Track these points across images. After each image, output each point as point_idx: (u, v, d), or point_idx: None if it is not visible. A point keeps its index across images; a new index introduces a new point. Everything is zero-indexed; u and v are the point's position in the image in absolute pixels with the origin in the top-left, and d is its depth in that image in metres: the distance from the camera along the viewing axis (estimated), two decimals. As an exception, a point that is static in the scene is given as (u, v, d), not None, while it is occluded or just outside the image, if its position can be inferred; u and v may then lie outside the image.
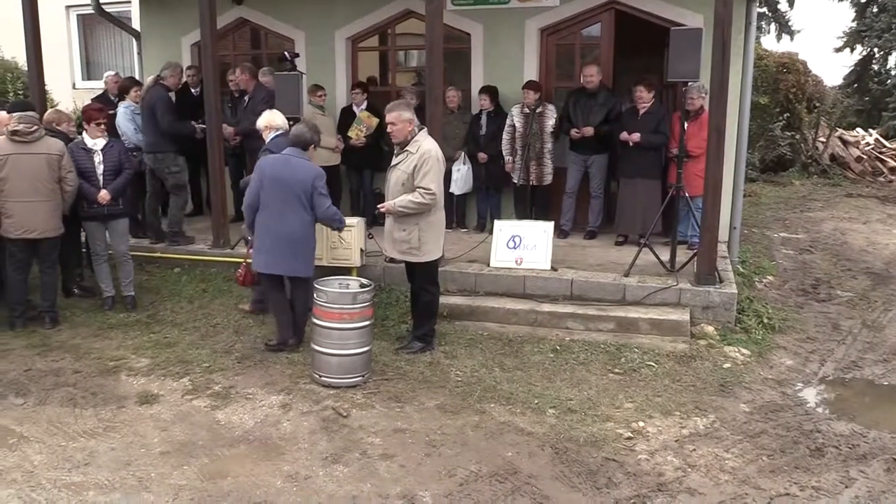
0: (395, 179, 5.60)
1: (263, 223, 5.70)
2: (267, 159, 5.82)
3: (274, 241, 5.66)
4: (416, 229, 5.57)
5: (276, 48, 9.55)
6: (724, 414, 4.87)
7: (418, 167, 5.43)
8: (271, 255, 5.69)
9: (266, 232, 5.69)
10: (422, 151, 5.45)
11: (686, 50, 6.18)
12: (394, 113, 5.49)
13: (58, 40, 12.95)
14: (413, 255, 5.66)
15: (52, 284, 6.58)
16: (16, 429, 4.64)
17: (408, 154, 5.51)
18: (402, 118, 5.47)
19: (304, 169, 5.73)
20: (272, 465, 4.19)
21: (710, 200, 6.36)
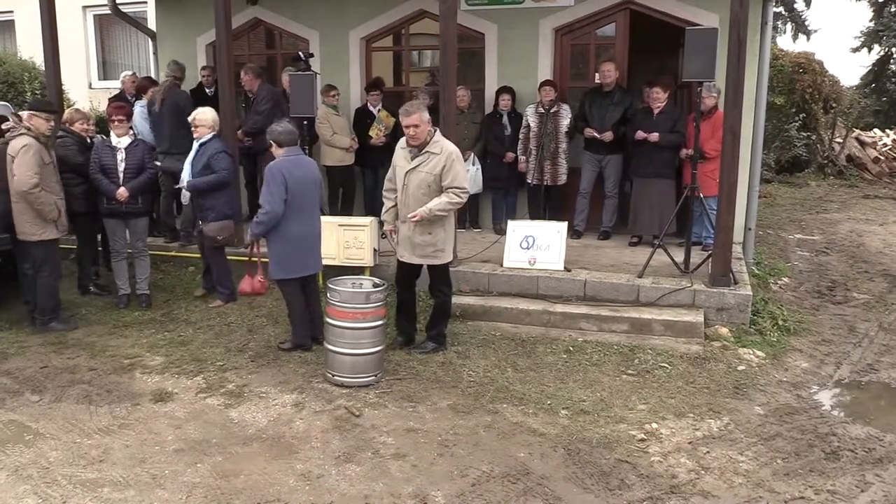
0: (419, 182, 5.41)
1: (289, 227, 5.60)
2: (283, 164, 5.62)
3: (305, 243, 5.72)
4: (441, 231, 5.55)
5: (291, 48, 9.60)
6: (738, 416, 4.83)
7: (447, 168, 5.34)
8: (307, 257, 5.76)
9: (294, 236, 5.63)
10: (447, 152, 5.37)
11: (701, 50, 6.15)
12: (416, 115, 5.32)
13: (74, 40, 13.08)
14: (436, 258, 5.62)
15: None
16: (32, 425, 4.69)
17: (430, 155, 5.39)
18: (424, 119, 5.35)
19: (313, 167, 5.97)
20: (285, 464, 4.20)
21: (725, 201, 6.32)
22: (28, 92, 10.16)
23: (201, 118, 6.81)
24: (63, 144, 7.05)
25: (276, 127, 5.83)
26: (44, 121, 6.17)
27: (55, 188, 6.25)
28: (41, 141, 6.13)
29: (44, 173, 6.08)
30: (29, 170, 5.95)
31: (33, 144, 6.02)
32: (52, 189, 6.18)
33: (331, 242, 6.83)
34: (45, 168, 6.10)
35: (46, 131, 6.24)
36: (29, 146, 6.00)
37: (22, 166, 5.96)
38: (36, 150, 6.01)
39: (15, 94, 10.29)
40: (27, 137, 6.05)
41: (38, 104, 6.54)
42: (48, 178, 6.15)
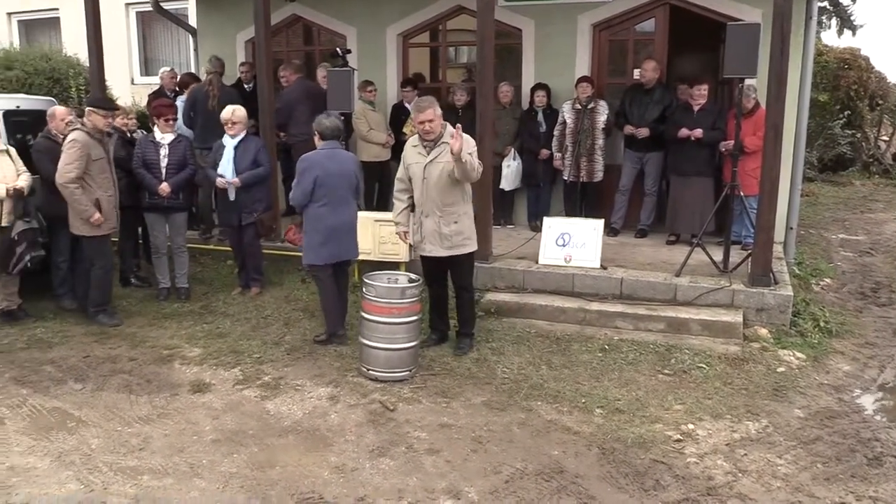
0: (439, 173, 5.40)
1: (322, 217, 5.79)
2: (317, 156, 5.86)
3: (338, 232, 5.87)
4: (465, 217, 5.54)
5: (329, 45, 9.67)
6: (777, 419, 4.75)
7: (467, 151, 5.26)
8: (338, 244, 5.89)
9: (327, 225, 5.81)
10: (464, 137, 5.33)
11: (743, 46, 6.03)
12: (429, 110, 5.36)
13: (117, 37, 13.32)
14: (465, 246, 5.59)
15: None
16: (75, 413, 4.80)
17: (446, 146, 5.35)
18: (438, 113, 5.38)
19: (349, 160, 6.11)
20: (319, 456, 4.24)
21: (767, 200, 6.21)
22: (73, 87, 10.38)
23: (240, 116, 6.91)
24: (106, 140, 7.21)
25: (325, 120, 6.01)
26: (101, 117, 6.22)
27: (103, 184, 6.26)
28: (95, 137, 6.17)
29: (91, 169, 6.13)
30: (69, 163, 6.02)
31: (81, 139, 6.07)
32: (98, 185, 6.21)
33: (366, 237, 6.87)
34: (92, 164, 6.13)
35: (104, 127, 6.29)
36: (76, 141, 6.06)
37: (64, 159, 6.06)
38: (83, 144, 6.06)
39: (60, 89, 10.52)
40: (79, 132, 6.12)
41: (98, 100, 6.59)
42: (95, 173, 6.18)
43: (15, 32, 14.90)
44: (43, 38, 14.49)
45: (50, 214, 6.43)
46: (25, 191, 6.24)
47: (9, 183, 6.16)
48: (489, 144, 6.94)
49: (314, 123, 6.04)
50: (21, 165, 6.39)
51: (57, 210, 6.52)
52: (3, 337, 6.13)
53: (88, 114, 6.22)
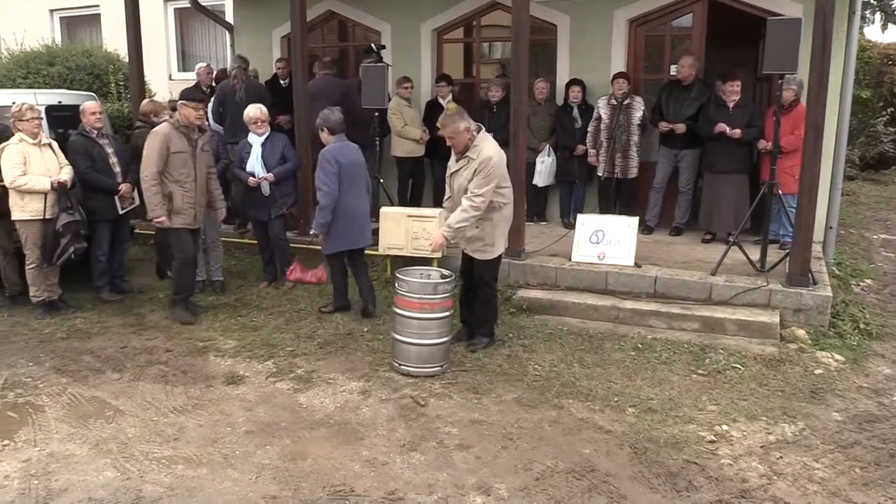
0: (459, 186, 5.47)
1: (342, 205, 6.14)
2: (334, 149, 6.18)
3: (358, 220, 6.28)
4: (489, 225, 5.50)
5: (363, 41, 9.71)
6: (814, 422, 4.66)
7: (477, 171, 5.29)
8: (358, 232, 6.31)
9: (346, 212, 6.17)
10: (482, 157, 5.28)
11: (783, 41, 5.93)
12: (448, 128, 5.37)
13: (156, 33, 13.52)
14: (484, 252, 5.57)
15: None
16: (112, 402, 4.90)
17: (468, 160, 5.36)
18: (458, 130, 5.33)
19: (359, 152, 6.43)
20: (351, 450, 4.27)
21: (806, 198, 6.09)
22: (112, 83, 10.56)
23: (266, 113, 7.01)
24: (142, 135, 7.28)
25: (332, 115, 6.25)
26: (192, 110, 6.22)
27: (180, 178, 6.22)
28: (181, 130, 6.19)
29: (170, 162, 6.14)
30: (147, 157, 6.11)
31: (162, 131, 6.13)
32: (174, 178, 6.19)
33: (399, 233, 6.89)
34: (171, 156, 6.13)
35: (195, 120, 6.27)
36: (156, 133, 6.15)
37: (144, 153, 6.16)
38: (163, 137, 6.10)
39: (100, 84, 10.70)
40: (164, 125, 6.23)
41: (188, 93, 6.55)
42: (173, 167, 6.17)
43: (57, 29, 15.21)
44: (84, 34, 14.77)
45: (87, 209, 6.55)
46: (68, 184, 6.37)
47: (52, 176, 6.30)
48: (523, 140, 6.92)
49: (321, 120, 6.25)
50: (63, 159, 6.53)
51: (94, 205, 6.66)
52: (45, 327, 6.27)
53: (180, 107, 6.27)
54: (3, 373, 5.36)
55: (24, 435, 4.45)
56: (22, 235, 6.35)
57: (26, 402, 4.91)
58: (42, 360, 5.58)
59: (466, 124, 5.37)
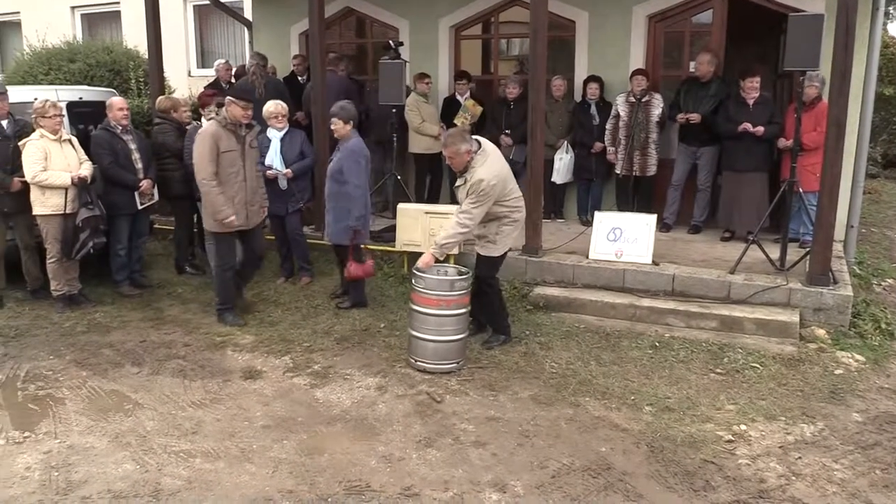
0: (461, 200, 5.53)
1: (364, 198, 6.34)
2: (359, 143, 6.35)
3: (368, 212, 6.46)
4: (493, 224, 5.51)
5: (381, 37, 9.71)
6: (833, 422, 4.62)
7: (469, 192, 5.34)
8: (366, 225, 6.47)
9: (366, 205, 6.39)
10: (473, 180, 5.30)
11: (805, 37, 5.87)
12: (450, 148, 5.39)
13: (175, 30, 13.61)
14: (486, 249, 5.59)
15: None
16: (131, 395, 4.94)
17: (466, 180, 5.41)
18: (459, 151, 5.36)
19: None
20: (367, 445, 4.28)
21: (827, 196, 6.02)
22: (132, 79, 10.64)
23: (285, 109, 7.04)
24: (162, 131, 7.38)
25: (350, 107, 6.36)
26: (240, 108, 6.01)
27: (228, 179, 6.00)
28: (228, 128, 6.00)
29: (220, 161, 5.95)
30: (200, 158, 5.93)
31: (210, 130, 5.97)
32: (223, 178, 5.98)
33: (416, 229, 6.90)
34: (220, 156, 5.95)
35: (242, 119, 6.05)
36: (204, 132, 6.01)
37: (195, 155, 6.01)
38: (212, 135, 5.92)
39: (120, 81, 10.79)
40: (211, 122, 6.11)
41: (238, 91, 6.40)
42: (222, 166, 5.97)
43: (78, 26, 15.35)
44: (104, 31, 14.89)
45: (107, 203, 6.61)
46: (88, 179, 6.43)
47: (73, 172, 6.36)
48: (541, 137, 6.90)
49: (343, 112, 6.27)
50: (83, 154, 6.59)
51: (114, 199, 6.73)
52: (65, 321, 6.34)
53: (228, 104, 6.06)
54: (25, 365, 5.42)
55: (45, 427, 4.50)
56: (43, 230, 6.42)
57: (47, 394, 4.97)
58: (62, 354, 5.65)
59: (468, 147, 5.37)
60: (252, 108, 6.18)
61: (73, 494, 3.79)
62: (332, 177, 6.36)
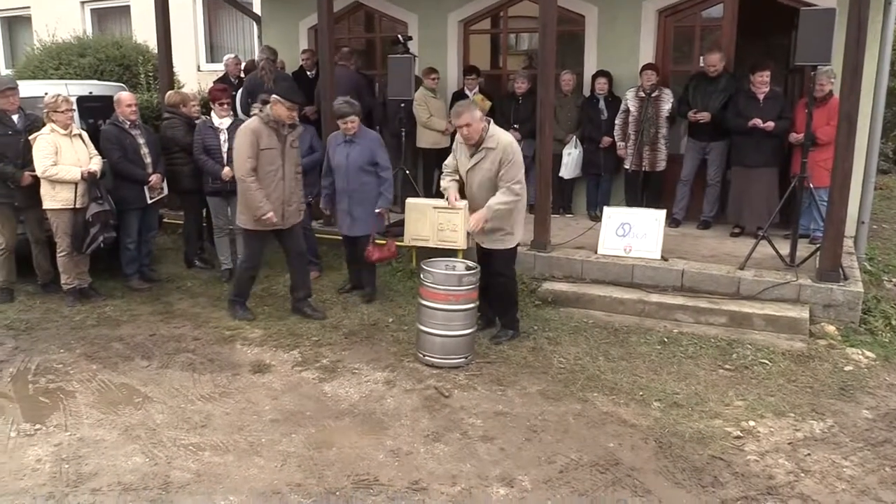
0: (480, 180, 5.44)
1: None
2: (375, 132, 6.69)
3: None
4: (509, 215, 5.50)
5: (390, 31, 9.70)
6: (843, 419, 4.60)
7: (504, 160, 5.27)
8: None
9: None
10: (503, 145, 5.27)
11: (817, 32, 5.83)
12: (465, 115, 5.28)
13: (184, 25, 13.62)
14: (503, 242, 5.56)
15: None
16: (141, 389, 4.97)
17: (487, 151, 5.33)
18: (475, 118, 5.29)
19: None
20: (375, 439, 4.29)
21: (838, 192, 5.99)
22: (142, 74, 10.67)
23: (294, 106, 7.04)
24: (171, 125, 7.40)
25: (354, 101, 6.46)
26: (285, 109, 5.89)
27: (266, 177, 5.91)
28: (270, 126, 5.88)
29: (259, 158, 5.86)
30: (240, 154, 5.85)
31: (252, 126, 5.87)
32: (261, 176, 5.89)
33: (425, 224, 6.89)
34: (260, 153, 5.85)
35: (286, 119, 5.93)
36: (246, 128, 5.90)
37: (235, 151, 5.95)
38: (253, 132, 5.82)
39: (130, 75, 10.83)
40: (254, 119, 5.97)
41: (286, 90, 6.16)
42: (260, 164, 5.88)
43: (88, 21, 15.38)
44: (114, 26, 14.92)
45: (117, 198, 6.64)
46: (98, 174, 6.45)
47: (83, 166, 6.38)
48: (550, 132, 6.88)
49: (356, 108, 6.36)
50: (93, 149, 6.61)
51: (123, 194, 6.75)
52: (75, 314, 6.37)
53: (273, 102, 5.93)
54: (36, 359, 5.46)
55: (56, 420, 4.53)
56: (53, 224, 6.45)
57: (58, 387, 5.00)
58: (73, 347, 5.68)
59: (480, 115, 5.38)
60: (298, 109, 6.13)
61: (83, 487, 3.81)
62: (361, 168, 6.36)
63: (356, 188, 6.41)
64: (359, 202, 6.44)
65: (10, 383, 5.07)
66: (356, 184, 6.40)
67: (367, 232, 6.48)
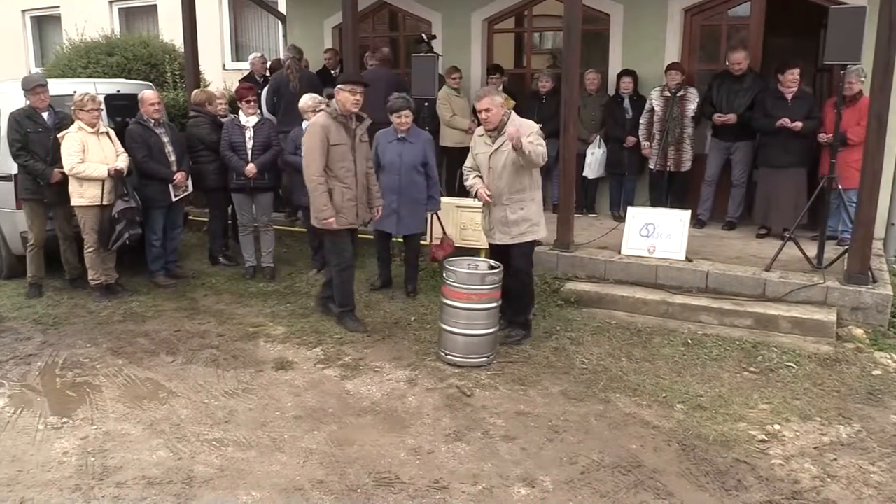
0: (504, 162, 5.37)
1: None
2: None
3: None
4: (532, 203, 5.49)
5: (414, 30, 9.71)
6: (871, 424, 4.52)
7: (526, 131, 5.23)
8: None
9: None
10: (527, 123, 5.36)
11: (847, 30, 5.74)
12: (486, 98, 5.31)
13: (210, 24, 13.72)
14: (532, 233, 5.54)
15: None
16: (166, 384, 5.02)
17: (501, 141, 5.35)
18: (496, 102, 5.31)
19: None
20: (397, 438, 4.30)
21: (867, 193, 5.89)
22: (168, 72, 10.78)
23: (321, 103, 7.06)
24: (196, 124, 7.47)
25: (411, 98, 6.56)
26: (349, 94, 5.59)
27: (339, 173, 5.66)
28: (339, 120, 5.64)
29: (330, 155, 5.62)
30: (309, 154, 5.63)
31: (320, 122, 5.64)
32: (333, 174, 5.65)
33: (447, 223, 6.89)
34: (330, 149, 5.61)
35: (352, 107, 5.63)
36: (314, 125, 5.68)
37: (304, 149, 5.75)
38: (322, 128, 5.59)
39: (157, 74, 10.94)
40: (321, 114, 5.74)
41: (347, 76, 5.91)
42: (332, 161, 5.64)
43: (116, 20, 15.57)
44: (141, 25, 15.09)
45: (142, 195, 6.72)
46: (125, 171, 6.53)
47: (110, 164, 6.47)
48: (574, 132, 6.85)
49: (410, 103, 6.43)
50: (120, 147, 6.70)
51: (149, 192, 6.83)
52: (102, 310, 6.46)
53: (337, 93, 5.67)
54: (63, 353, 5.54)
55: (82, 413, 4.60)
56: (80, 221, 6.54)
57: (84, 381, 5.07)
58: (99, 342, 5.76)
59: (501, 100, 5.39)
60: (363, 91, 5.73)
61: (108, 480, 3.86)
62: (414, 168, 6.38)
63: (407, 187, 6.41)
64: (408, 202, 6.44)
65: (39, 377, 5.16)
66: (408, 183, 6.40)
67: (413, 231, 6.53)
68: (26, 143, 6.47)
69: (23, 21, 16.77)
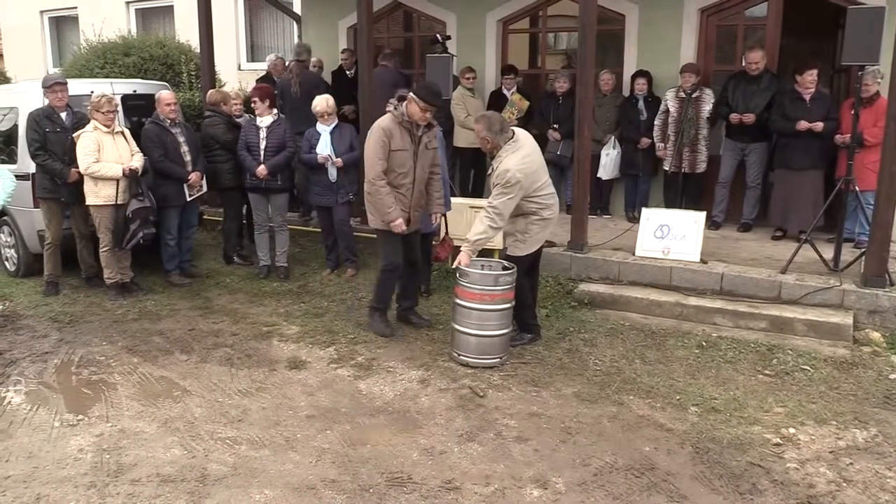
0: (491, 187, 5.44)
1: None
2: None
3: None
4: (522, 221, 5.41)
5: (429, 31, 9.72)
6: (888, 428, 4.47)
7: (495, 183, 5.23)
8: None
9: None
10: (500, 170, 5.19)
11: (865, 31, 5.69)
12: (476, 126, 5.36)
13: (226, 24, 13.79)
14: (513, 248, 5.48)
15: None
16: (180, 382, 5.05)
17: (492, 168, 5.35)
18: (481, 132, 5.29)
19: None
20: (409, 438, 4.30)
21: (885, 195, 5.83)
22: (184, 73, 10.84)
23: (332, 105, 7.12)
24: (211, 124, 7.52)
25: None
26: (420, 110, 5.47)
27: (396, 179, 5.57)
28: (404, 125, 5.52)
29: (390, 160, 5.53)
30: (371, 156, 5.52)
31: (384, 125, 5.52)
32: (391, 178, 5.56)
33: (461, 223, 6.88)
34: (391, 154, 5.51)
35: (419, 120, 5.51)
36: (377, 128, 5.57)
37: (366, 152, 5.62)
38: (384, 131, 5.49)
39: (173, 74, 11.00)
40: (386, 117, 5.60)
41: (423, 89, 5.63)
42: (391, 166, 5.55)
43: (132, 20, 15.69)
44: (157, 25, 15.20)
45: (157, 195, 6.76)
46: (139, 171, 6.58)
47: (125, 163, 6.52)
48: (588, 133, 6.83)
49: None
50: (135, 146, 6.75)
51: (164, 191, 6.87)
52: (117, 308, 6.51)
53: (410, 100, 5.55)
54: (79, 351, 5.59)
55: (98, 411, 4.64)
56: (96, 220, 6.60)
57: (100, 379, 5.11)
58: (115, 340, 5.80)
59: (496, 130, 5.27)
60: (435, 111, 5.64)
61: (123, 477, 3.89)
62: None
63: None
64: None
65: (55, 374, 5.21)
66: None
67: (423, 230, 6.44)
68: (45, 143, 6.54)
69: (41, 21, 16.94)
